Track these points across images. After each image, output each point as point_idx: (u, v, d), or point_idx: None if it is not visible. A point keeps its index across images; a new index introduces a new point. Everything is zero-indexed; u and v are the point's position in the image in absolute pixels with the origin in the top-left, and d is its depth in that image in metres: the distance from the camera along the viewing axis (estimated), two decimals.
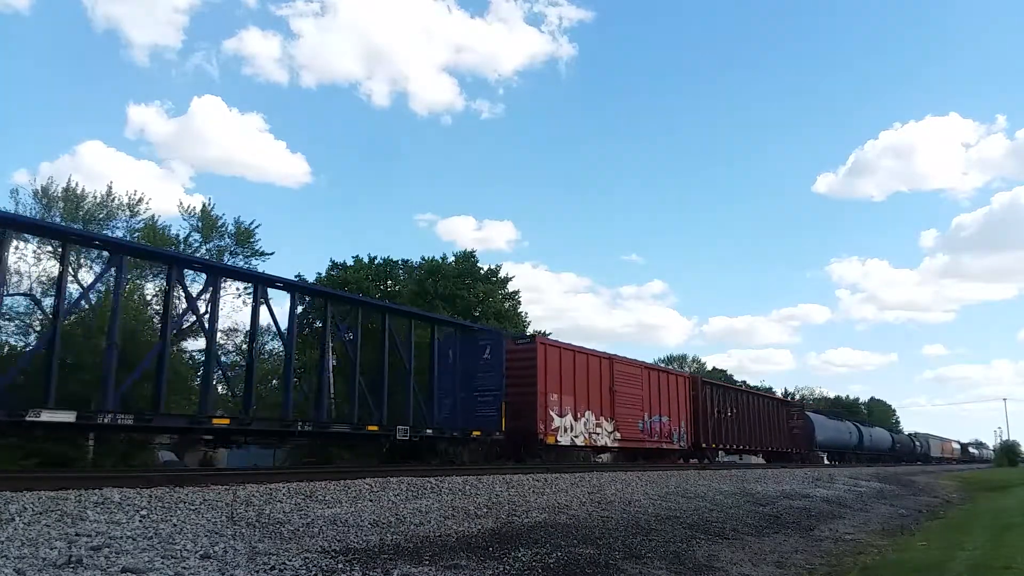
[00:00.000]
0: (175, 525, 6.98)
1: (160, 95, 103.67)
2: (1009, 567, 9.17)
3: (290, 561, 6.18)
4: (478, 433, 18.69)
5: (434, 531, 8.32)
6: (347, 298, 18.72)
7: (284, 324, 15.51)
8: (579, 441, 22.24)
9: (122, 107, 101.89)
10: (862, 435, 57.49)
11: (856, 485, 25.69)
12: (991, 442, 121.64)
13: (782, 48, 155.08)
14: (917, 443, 79.59)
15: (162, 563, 5.64)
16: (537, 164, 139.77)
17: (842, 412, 79.35)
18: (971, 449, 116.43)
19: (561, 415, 21.46)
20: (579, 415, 22.25)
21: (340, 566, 6.26)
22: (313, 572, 6.00)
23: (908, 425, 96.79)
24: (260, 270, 23.61)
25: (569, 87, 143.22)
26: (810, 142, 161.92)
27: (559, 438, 21.25)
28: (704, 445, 29.77)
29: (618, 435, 23.91)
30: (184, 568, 5.59)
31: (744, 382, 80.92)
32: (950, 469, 66.23)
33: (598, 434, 23.10)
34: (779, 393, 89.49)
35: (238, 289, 25.57)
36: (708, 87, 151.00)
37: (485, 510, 10.12)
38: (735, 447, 33.47)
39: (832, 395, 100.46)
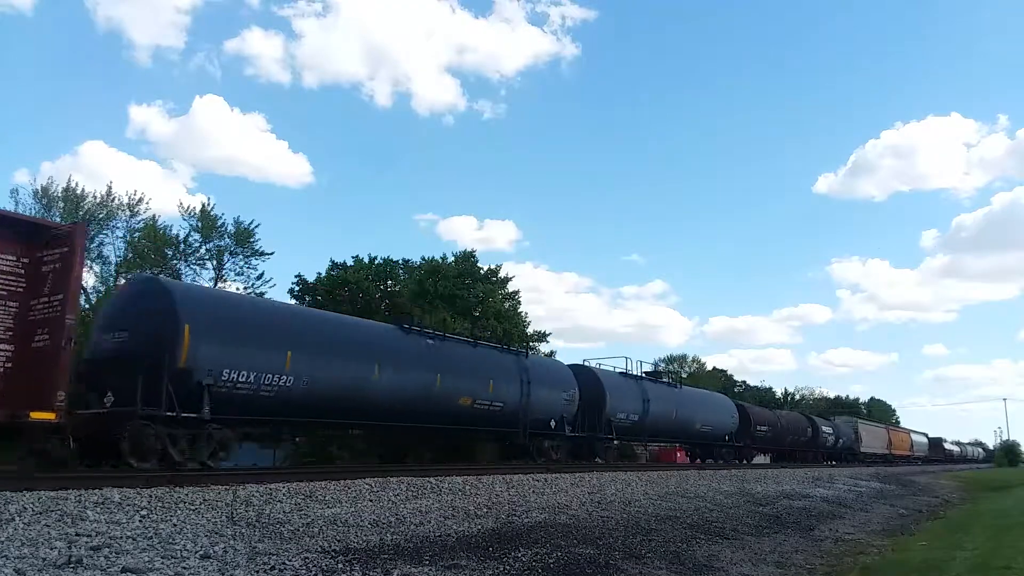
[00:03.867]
0: (175, 525, 6.97)
1: (162, 95, 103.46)
2: (1009, 567, 9.18)
3: (290, 561, 6.19)
4: None
5: (434, 531, 8.32)
6: None
7: None
8: None
9: (124, 107, 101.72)
10: (646, 405, 25.24)
11: (856, 485, 25.74)
12: (991, 442, 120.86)
13: (784, 48, 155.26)
14: (825, 430, 45.82)
15: (162, 563, 5.64)
16: (539, 164, 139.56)
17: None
18: (948, 446, 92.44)
19: None
20: None
21: (340, 566, 6.26)
22: (313, 572, 6.00)
23: (909, 426, 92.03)
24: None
25: (571, 87, 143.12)
26: (811, 142, 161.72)
27: None
28: None
29: None
30: (184, 568, 5.59)
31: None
32: (946, 470, 58.02)
33: None
34: (779, 394, 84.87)
35: None
36: (710, 87, 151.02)
37: (485, 510, 10.12)
38: None
39: (832, 395, 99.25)
